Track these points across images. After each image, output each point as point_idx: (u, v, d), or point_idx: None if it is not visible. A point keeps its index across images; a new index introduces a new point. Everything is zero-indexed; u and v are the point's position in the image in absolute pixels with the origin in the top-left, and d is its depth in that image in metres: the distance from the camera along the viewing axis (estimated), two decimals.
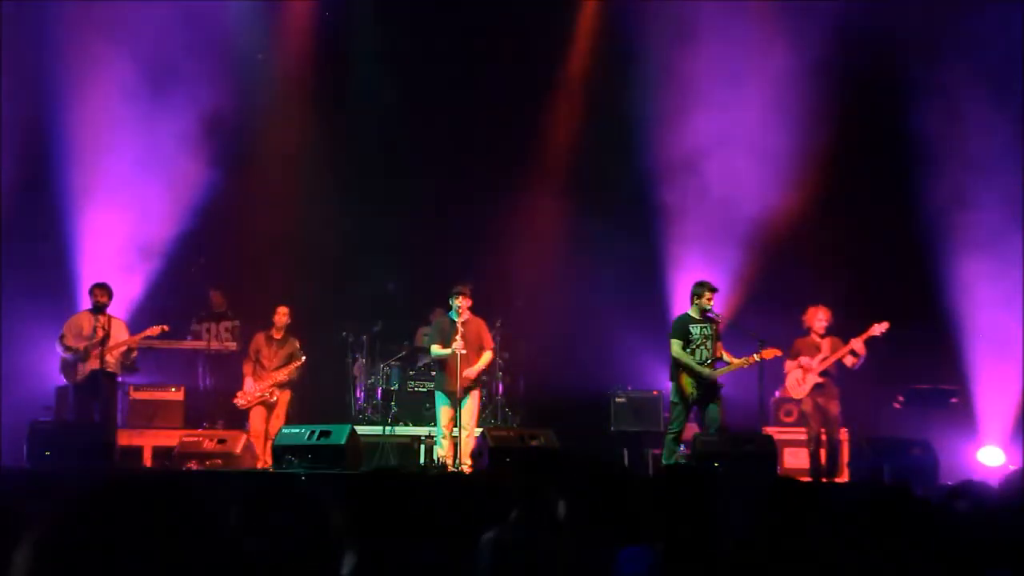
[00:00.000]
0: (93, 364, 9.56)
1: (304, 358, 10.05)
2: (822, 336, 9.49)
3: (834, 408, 9.47)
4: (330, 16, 12.11)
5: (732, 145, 11.16)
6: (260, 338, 10.15)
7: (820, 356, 9.44)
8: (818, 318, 9.49)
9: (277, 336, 10.12)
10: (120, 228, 10.83)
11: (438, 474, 8.82)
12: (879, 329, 9.26)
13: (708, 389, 9.07)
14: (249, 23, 11.64)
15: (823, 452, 9.42)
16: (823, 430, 9.44)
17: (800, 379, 9.49)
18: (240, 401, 9.96)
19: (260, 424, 9.87)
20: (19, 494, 6.44)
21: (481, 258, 11.19)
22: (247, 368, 10.08)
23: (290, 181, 11.62)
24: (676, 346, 9.16)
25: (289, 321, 10.14)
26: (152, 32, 10.87)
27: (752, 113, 11.09)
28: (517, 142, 11.75)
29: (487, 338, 9.61)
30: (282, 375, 9.98)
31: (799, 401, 9.62)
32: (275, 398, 9.95)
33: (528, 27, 11.73)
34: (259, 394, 9.90)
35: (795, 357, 9.50)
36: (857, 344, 9.32)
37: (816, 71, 10.83)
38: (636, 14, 11.66)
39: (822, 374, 9.39)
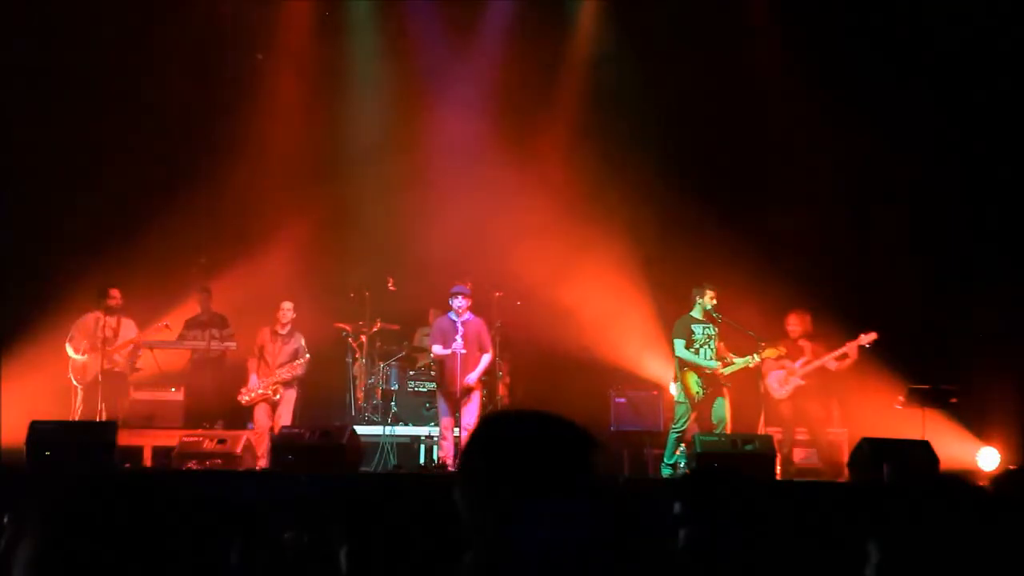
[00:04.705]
0: (102, 364, 9.61)
1: (308, 356, 9.89)
2: (795, 340, 9.61)
3: (816, 410, 9.61)
4: (329, 14, 12.13)
5: (732, 140, 11.18)
6: (265, 333, 10.00)
7: (803, 359, 9.53)
8: (791, 323, 9.70)
9: (281, 331, 9.97)
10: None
11: (438, 474, 8.83)
12: (866, 339, 9.34)
13: (713, 388, 9.10)
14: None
15: (797, 451, 9.64)
16: (802, 431, 9.63)
17: (782, 380, 9.56)
18: (244, 397, 9.84)
19: (265, 421, 9.72)
20: (19, 494, 6.45)
21: (480, 257, 11.16)
22: (251, 364, 9.95)
23: (288, 178, 11.63)
24: (679, 346, 9.19)
25: (294, 316, 9.98)
26: None
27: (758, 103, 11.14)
28: (514, 139, 11.73)
29: (487, 340, 9.62)
30: (286, 373, 9.83)
31: (779, 401, 9.69)
32: (279, 395, 9.79)
33: (526, 24, 11.77)
34: (262, 391, 9.78)
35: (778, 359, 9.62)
36: (845, 350, 9.39)
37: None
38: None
39: (804, 377, 9.50)
